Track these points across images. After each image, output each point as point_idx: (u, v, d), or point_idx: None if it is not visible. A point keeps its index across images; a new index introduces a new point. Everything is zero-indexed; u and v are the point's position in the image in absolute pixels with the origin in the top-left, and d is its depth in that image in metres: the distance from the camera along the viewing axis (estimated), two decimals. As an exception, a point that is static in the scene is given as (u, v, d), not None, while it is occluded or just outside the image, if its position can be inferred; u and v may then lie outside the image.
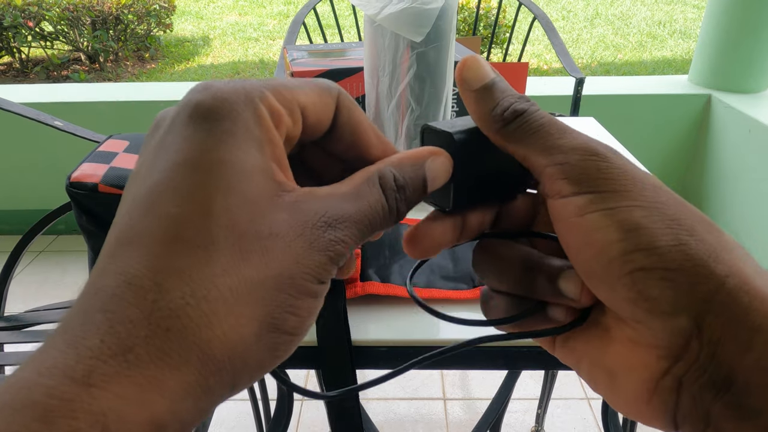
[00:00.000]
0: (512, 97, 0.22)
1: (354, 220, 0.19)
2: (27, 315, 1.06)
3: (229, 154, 0.17)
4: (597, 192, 0.19)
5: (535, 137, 0.21)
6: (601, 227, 0.19)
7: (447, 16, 0.63)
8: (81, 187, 0.46)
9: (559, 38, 1.51)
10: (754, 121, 1.84)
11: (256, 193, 0.17)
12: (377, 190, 0.20)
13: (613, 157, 0.20)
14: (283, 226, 0.18)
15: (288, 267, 0.17)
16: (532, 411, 1.43)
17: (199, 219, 0.16)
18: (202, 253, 0.16)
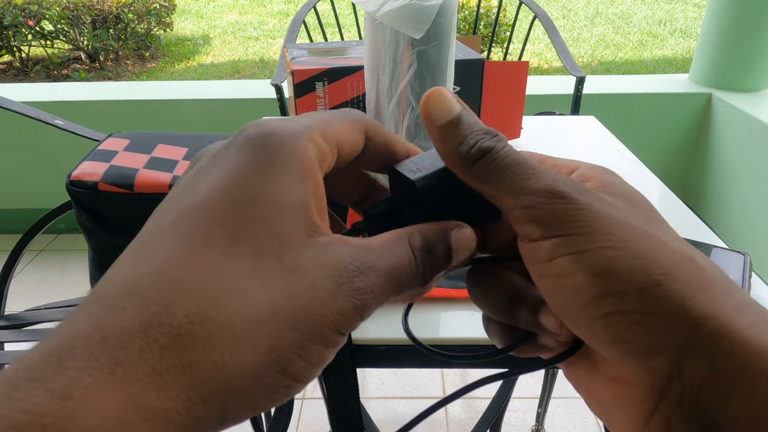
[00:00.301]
0: (479, 133, 0.21)
1: (384, 272, 0.18)
2: (27, 314, 1.06)
3: (269, 185, 0.17)
4: (564, 235, 0.19)
5: (502, 177, 0.20)
6: (570, 272, 0.19)
7: (447, 14, 0.63)
8: (81, 185, 0.46)
9: (559, 37, 1.51)
10: (755, 120, 1.83)
11: (287, 227, 0.17)
12: (406, 247, 0.20)
13: (579, 198, 0.19)
14: (312, 263, 0.17)
15: (307, 306, 0.16)
16: (533, 410, 1.43)
17: (222, 243, 0.16)
18: (218, 275, 0.16)
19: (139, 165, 0.49)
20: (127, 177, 0.47)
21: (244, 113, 1.99)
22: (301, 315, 0.16)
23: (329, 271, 0.17)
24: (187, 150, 0.53)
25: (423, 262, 0.20)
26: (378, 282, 0.18)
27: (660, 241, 0.19)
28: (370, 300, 0.18)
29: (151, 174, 0.48)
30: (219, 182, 0.17)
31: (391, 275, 0.19)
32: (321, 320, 0.17)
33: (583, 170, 0.23)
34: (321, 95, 0.78)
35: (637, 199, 0.21)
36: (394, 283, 0.19)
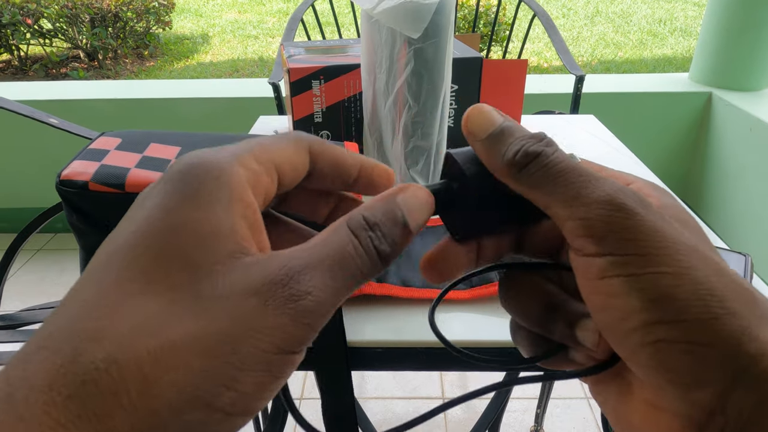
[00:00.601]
0: (524, 138, 0.20)
1: (321, 268, 0.17)
2: (22, 314, 1.05)
3: (191, 216, 0.16)
4: (620, 254, 0.18)
5: (554, 185, 0.19)
6: (623, 293, 0.18)
7: (445, 12, 0.62)
8: (71, 185, 0.46)
9: (559, 35, 1.50)
10: (755, 119, 1.83)
11: (207, 255, 0.16)
12: (345, 231, 0.18)
13: (642, 213, 0.18)
14: (234, 286, 0.16)
15: (228, 330, 0.15)
16: (532, 410, 1.42)
17: (137, 282, 0.16)
18: (129, 316, 0.15)
19: (131, 164, 0.48)
20: (118, 176, 0.46)
21: (243, 112, 1.98)
22: (222, 341, 0.15)
23: (253, 288, 0.16)
24: (180, 149, 0.52)
25: (368, 240, 0.18)
26: (316, 281, 0.17)
27: (722, 271, 0.18)
28: (311, 304, 0.16)
29: (142, 173, 0.47)
30: (142, 221, 0.17)
31: (332, 268, 0.17)
32: (251, 343, 0.15)
33: (639, 185, 0.21)
34: (317, 93, 0.77)
35: (692, 224, 0.20)
36: (339, 274, 0.17)
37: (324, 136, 0.80)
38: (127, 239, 0.16)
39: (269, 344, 0.16)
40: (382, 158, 0.73)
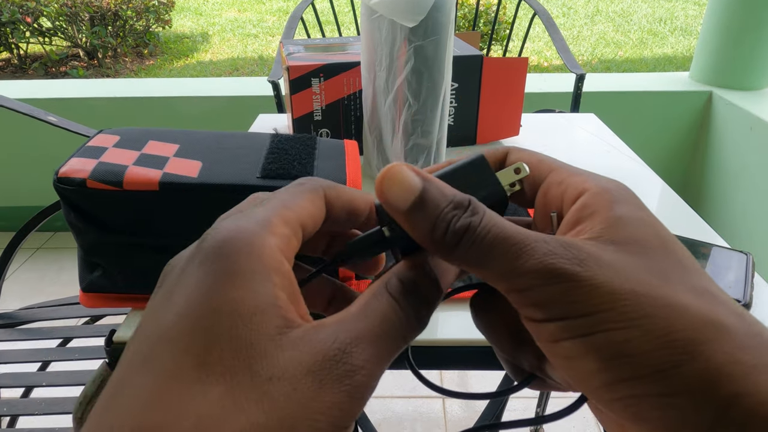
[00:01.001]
0: (448, 211, 0.18)
1: (369, 339, 0.17)
2: (22, 312, 1.05)
3: (231, 296, 0.16)
4: (567, 318, 0.17)
5: (487, 260, 0.18)
6: (579, 356, 0.17)
7: (445, 9, 0.62)
8: (69, 182, 0.45)
9: (559, 34, 1.50)
10: (756, 119, 1.82)
11: (255, 335, 0.16)
12: (386, 298, 0.18)
13: (580, 274, 0.17)
14: (288, 366, 0.16)
15: (291, 415, 0.15)
16: (531, 409, 1.42)
17: (193, 372, 0.15)
18: (191, 408, 0.15)
19: (129, 162, 0.48)
20: (116, 174, 0.46)
21: (242, 110, 1.97)
22: (286, 427, 0.15)
23: (308, 366, 0.16)
24: (179, 146, 0.52)
25: (409, 304, 0.18)
26: (367, 353, 0.17)
27: (680, 306, 0.17)
28: (365, 378, 0.16)
29: (140, 171, 0.47)
30: (183, 306, 0.16)
31: (380, 337, 0.17)
32: (311, 425, 0.15)
33: (588, 198, 0.20)
34: (317, 92, 0.77)
35: (648, 242, 0.18)
36: (388, 343, 0.17)
37: (323, 134, 0.80)
38: (171, 328, 0.16)
39: (327, 424, 0.15)
40: (382, 156, 0.73)
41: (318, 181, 0.21)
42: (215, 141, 0.53)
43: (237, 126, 1.91)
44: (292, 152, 0.52)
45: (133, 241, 0.48)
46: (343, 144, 0.57)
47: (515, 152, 0.23)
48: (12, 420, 0.99)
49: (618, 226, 0.18)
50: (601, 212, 0.19)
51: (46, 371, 1.00)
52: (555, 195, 0.21)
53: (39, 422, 0.88)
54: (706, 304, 0.17)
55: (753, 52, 1.97)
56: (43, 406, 0.84)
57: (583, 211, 0.19)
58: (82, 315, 1.09)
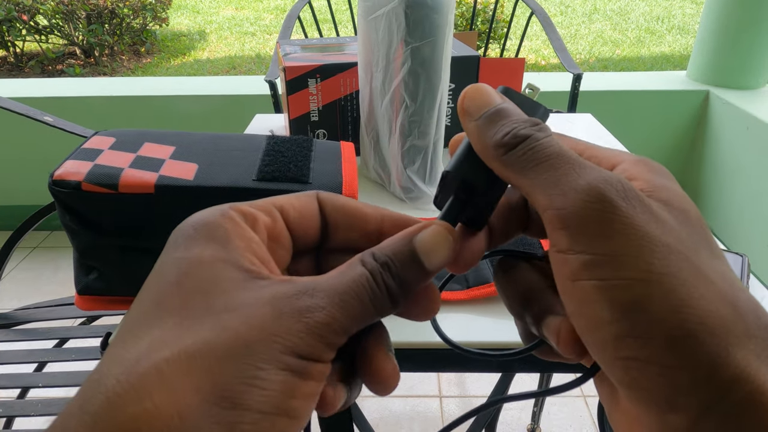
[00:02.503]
0: (517, 121, 0.19)
1: (334, 292, 0.17)
2: (17, 313, 1.05)
3: (193, 255, 0.18)
4: (593, 254, 0.16)
5: (537, 171, 0.18)
6: (593, 301, 0.16)
7: (442, 11, 0.62)
8: (64, 185, 0.45)
9: (556, 33, 1.50)
10: (753, 118, 1.83)
11: (214, 277, 0.17)
12: (359, 267, 0.18)
13: (622, 206, 0.16)
14: (246, 300, 0.17)
15: (245, 333, 0.16)
16: (528, 409, 1.42)
17: (149, 312, 0.17)
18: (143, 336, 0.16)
19: (125, 164, 0.48)
20: (112, 177, 0.46)
21: (239, 109, 1.97)
22: (240, 344, 0.16)
23: (266, 299, 0.17)
24: (174, 148, 0.52)
25: (382, 276, 0.18)
26: (329, 301, 0.17)
27: (705, 277, 0.16)
28: (325, 317, 0.17)
29: (136, 173, 0.47)
30: (155, 271, 0.18)
31: (345, 293, 0.17)
32: (267, 345, 0.16)
33: (627, 166, 0.19)
34: (314, 92, 0.77)
35: (689, 212, 0.18)
36: (352, 303, 0.17)
37: (320, 135, 0.80)
38: (144, 288, 0.18)
39: (285, 348, 0.16)
40: (379, 157, 0.73)
41: (313, 191, 0.22)
42: (211, 143, 0.53)
43: (234, 125, 1.91)
44: (288, 154, 0.52)
45: (129, 244, 0.48)
46: (339, 146, 0.57)
47: None
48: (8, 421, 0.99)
49: (661, 190, 0.18)
50: (642, 177, 0.19)
51: (42, 372, 0.99)
52: None
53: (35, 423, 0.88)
54: (728, 287, 0.16)
55: (750, 51, 1.97)
56: (40, 407, 0.84)
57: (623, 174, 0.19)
58: (79, 315, 1.08)
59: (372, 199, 0.71)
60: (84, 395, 0.15)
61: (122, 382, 0.15)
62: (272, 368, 0.16)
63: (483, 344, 0.49)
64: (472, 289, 0.53)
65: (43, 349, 0.98)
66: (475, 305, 0.52)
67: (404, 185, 0.70)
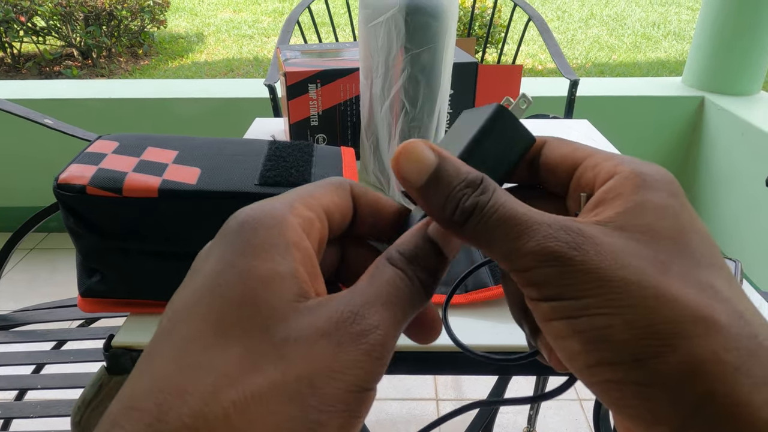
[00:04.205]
0: (460, 188, 0.19)
1: (380, 302, 0.18)
2: (16, 315, 1.05)
3: (251, 264, 0.17)
4: (558, 299, 0.18)
5: (492, 238, 0.19)
6: (566, 336, 0.18)
7: (442, 18, 0.63)
8: (69, 188, 0.46)
9: (553, 39, 1.51)
10: (747, 124, 1.84)
11: (273, 300, 0.17)
12: (390, 268, 0.19)
13: (575, 255, 0.17)
14: (304, 328, 0.16)
15: (308, 373, 0.15)
16: (524, 412, 1.43)
17: (211, 336, 0.16)
18: (209, 369, 0.15)
19: (128, 168, 0.48)
20: (116, 180, 0.46)
21: (238, 112, 1.98)
22: (304, 386, 0.15)
23: (323, 329, 0.16)
24: (177, 153, 0.52)
25: (413, 272, 0.19)
26: (379, 314, 0.17)
27: (670, 299, 0.17)
28: (381, 336, 0.17)
29: (140, 177, 0.47)
30: (205, 278, 0.17)
31: (389, 300, 0.18)
32: (331, 383, 0.16)
33: (616, 182, 0.20)
34: (314, 97, 0.77)
35: (664, 227, 0.18)
36: (398, 308, 0.18)
37: (320, 140, 0.81)
38: (194, 294, 0.17)
39: (347, 383, 0.16)
40: (379, 162, 0.73)
41: (342, 178, 0.22)
42: (214, 147, 0.53)
43: (233, 128, 1.91)
44: (289, 159, 0.53)
45: (132, 247, 0.48)
46: (339, 151, 0.58)
47: (552, 142, 0.23)
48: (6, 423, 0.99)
49: (635, 212, 0.19)
50: (624, 196, 0.19)
51: (40, 374, 0.99)
52: (588, 178, 0.21)
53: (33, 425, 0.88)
54: (703, 299, 0.17)
55: (745, 58, 1.99)
56: (38, 409, 0.84)
57: (607, 193, 0.20)
58: (77, 317, 1.09)
59: (371, 204, 0.72)
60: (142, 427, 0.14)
61: (188, 425, 0.14)
62: (333, 411, 0.16)
63: (482, 347, 0.50)
64: (471, 293, 0.54)
65: (42, 350, 0.98)
66: (474, 309, 0.53)
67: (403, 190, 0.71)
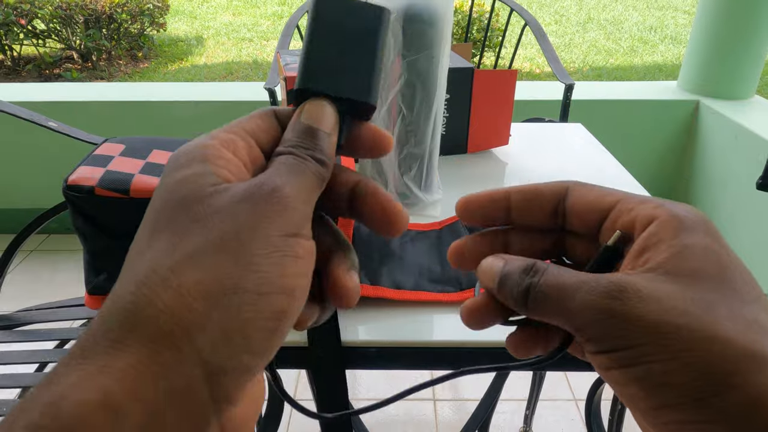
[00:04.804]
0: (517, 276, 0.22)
1: (282, 172, 0.20)
2: (19, 314, 1.06)
3: (176, 177, 0.20)
4: (613, 351, 0.19)
5: (548, 308, 0.21)
6: (625, 383, 0.19)
7: (438, 25, 0.65)
8: (78, 189, 0.47)
9: (549, 44, 1.53)
10: (741, 127, 1.86)
11: (192, 192, 0.19)
12: (280, 156, 0.22)
13: (623, 309, 0.19)
14: (222, 201, 0.19)
15: (231, 229, 0.18)
16: (521, 412, 1.44)
17: (146, 240, 0.19)
18: (146, 257, 0.18)
19: (135, 170, 0.50)
20: (123, 182, 0.48)
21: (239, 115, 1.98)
22: (230, 238, 0.18)
23: (239, 196, 0.19)
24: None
25: (302, 153, 0.22)
26: (285, 178, 0.20)
27: (721, 339, 0.18)
28: (289, 191, 0.20)
29: (146, 179, 0.49)
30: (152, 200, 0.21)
31: (290, 172, 0.21)
32: (254, 234, 0.18)
33: (656, 227, 0.21)
34: (314, 101, 0.79)
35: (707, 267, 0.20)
36: (300, 176, 0.21)
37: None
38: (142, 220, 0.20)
39: (269, 230, 0.19)
40: (376, 165, 0.75)
41: (270, 107, 0.24)
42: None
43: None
44: (290, 162, 0.55)
45: (138, 246, 0.50)
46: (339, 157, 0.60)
47: (576, 188, 0.24)
48: (9, 420, 1.00)
49: (679, 256, 0.20)
50: (666, 241, 0.20)
51: (43, 372, 1.01)
52: (626, 223, 0.22)
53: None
54: (751, 335, 0.18)
55: (739, 62, 2.01)
56: (42, 407, 0.86)
57: (649, 239, 0.21)
58: (80, 317, 1.10)
59: (369, 205, 0.74)
60: (103, 318, 0.17)
61: (134, 292, 0.17)
62: (264, 252, 0.18)
63: (477, 343, 0.51)
64: (465, 291, 0.56)
65: (45, 349, 0.99)
66: (468, 307, 0.55)
67: (401, 191, 0.72)
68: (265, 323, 0.18)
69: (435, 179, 0.74)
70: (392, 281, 0.56)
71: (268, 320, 0.18)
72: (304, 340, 0.51)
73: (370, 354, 0.52)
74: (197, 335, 0.17)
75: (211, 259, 0.18)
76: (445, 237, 0.65)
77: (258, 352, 0.18)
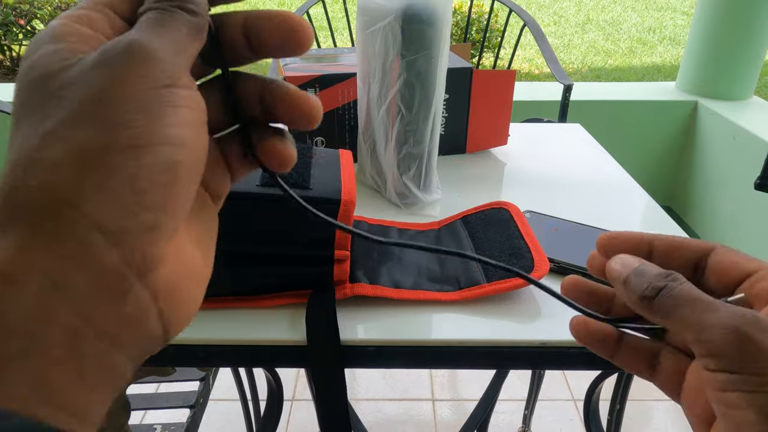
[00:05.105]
0: (654, 276, 0.24)
1: (142, 27, 0.19)
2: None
3: (24, 63, 0.19)
4: (739, 373, 0.20)
5: (680, 312, 0.22)
6: (740, 406, 0.20)
7: (437, 25, 0.65)
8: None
9: (548, 45, 1.53)
10: (739, 128, 1.87)
11: (44, 71, 0.19)
12: (143, 15, 0.20)
13: (757, 336, 0.21)
14: (75, 71, 0.18)
15: (90, 94, 0.17)
16: (519, 412, 1.45)
17: (13, 118, 0.19)
18: (12, 139, 0.18)
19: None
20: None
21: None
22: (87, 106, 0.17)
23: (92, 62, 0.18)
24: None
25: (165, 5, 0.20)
26: (142, 33, 0.19)
27: None
28: (147, 41, 0.18)
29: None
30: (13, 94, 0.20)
31: (149, 25, 0.19)
32: (118, 92, 0.17)
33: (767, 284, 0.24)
34: (313, 101, 0.79)
35: None
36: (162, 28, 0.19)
37: (318, 143, 0.83)
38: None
39: (136, 84, 0.18)
40: (375, 164, 0.75)
41: None
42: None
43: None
44: (289, 161, 0.55)
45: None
46: (337, 153, 0.60)
47: (722, 250, 0.26)
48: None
49: None
50: None
51: None
52: (763, 288, 0.24)
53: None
54: None
55: (737, 63, 2.02)
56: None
57: (762, 291, 0.23)
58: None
59: (368, 205, 0.74)
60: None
61: (7, 176, 0.17)
62: (131, 108, 0.17)
63: (477, 342, 0.52)
64: (463, 290, 0.56)
65: None
66: (467, 306, 0.55)
67: (399, 191, 0.73)
68: (157, 176, 0.18)
69: (434, 179, 0.74)
70: (391, 280, 0.56)
71: (159, 173, 0.18)
72: (303, 339, 0.51)
73: (369, 353, 0.52)
74: (80, 201, 0.17)
75: (73, 129, 0.17)
76: (444, 237, 0.65)
77: (158, 206, 0.18)
